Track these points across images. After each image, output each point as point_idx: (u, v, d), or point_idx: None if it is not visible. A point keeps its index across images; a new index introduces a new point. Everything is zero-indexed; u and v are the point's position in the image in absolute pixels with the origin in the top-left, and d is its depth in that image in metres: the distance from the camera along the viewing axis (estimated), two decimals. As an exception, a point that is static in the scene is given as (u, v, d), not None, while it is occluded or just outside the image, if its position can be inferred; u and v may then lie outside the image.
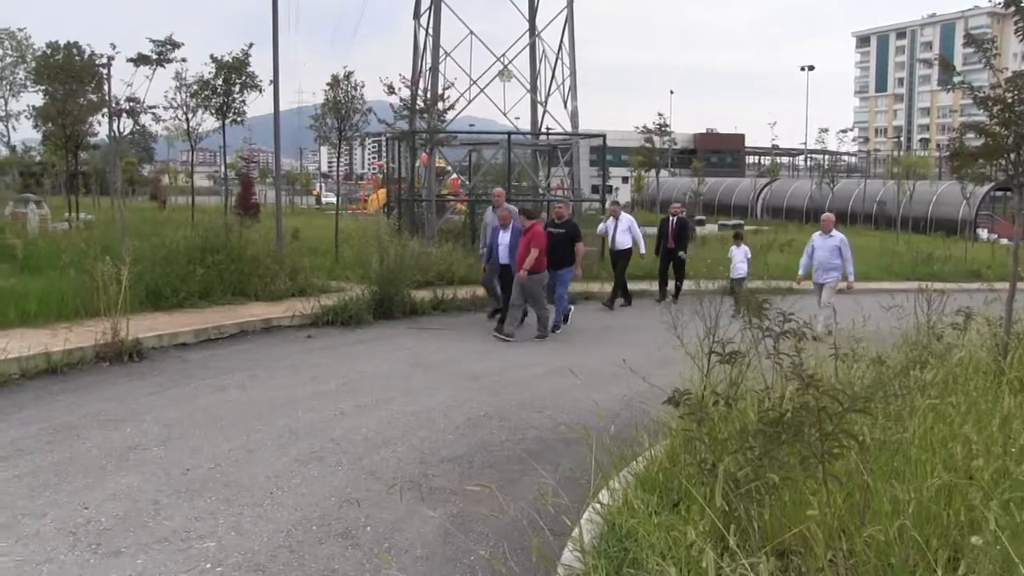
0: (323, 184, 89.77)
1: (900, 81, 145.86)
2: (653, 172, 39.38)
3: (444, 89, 21.95)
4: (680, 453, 5.29)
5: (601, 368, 9.85)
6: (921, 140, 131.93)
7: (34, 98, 51.63)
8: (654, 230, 17.90)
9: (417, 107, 20.18)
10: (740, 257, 15.78)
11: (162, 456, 6.49)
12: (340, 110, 17.95)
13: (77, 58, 24.30)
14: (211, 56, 18.55)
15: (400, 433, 7.24)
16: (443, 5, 24.43)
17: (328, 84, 18.42)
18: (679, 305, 14.23)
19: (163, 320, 11.55)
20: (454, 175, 34.48)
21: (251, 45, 18.82)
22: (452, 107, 20.41)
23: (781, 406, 4.65)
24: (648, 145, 35.03)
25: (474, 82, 24.70)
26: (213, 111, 18.70)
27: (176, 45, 16.77)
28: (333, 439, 7.00)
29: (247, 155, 43.02)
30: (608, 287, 16.49)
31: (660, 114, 33.73)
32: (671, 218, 17.00)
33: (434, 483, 6.07)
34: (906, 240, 31.83)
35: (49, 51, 55.21)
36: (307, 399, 8.28)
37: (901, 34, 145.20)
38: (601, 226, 17.48)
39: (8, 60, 57.42)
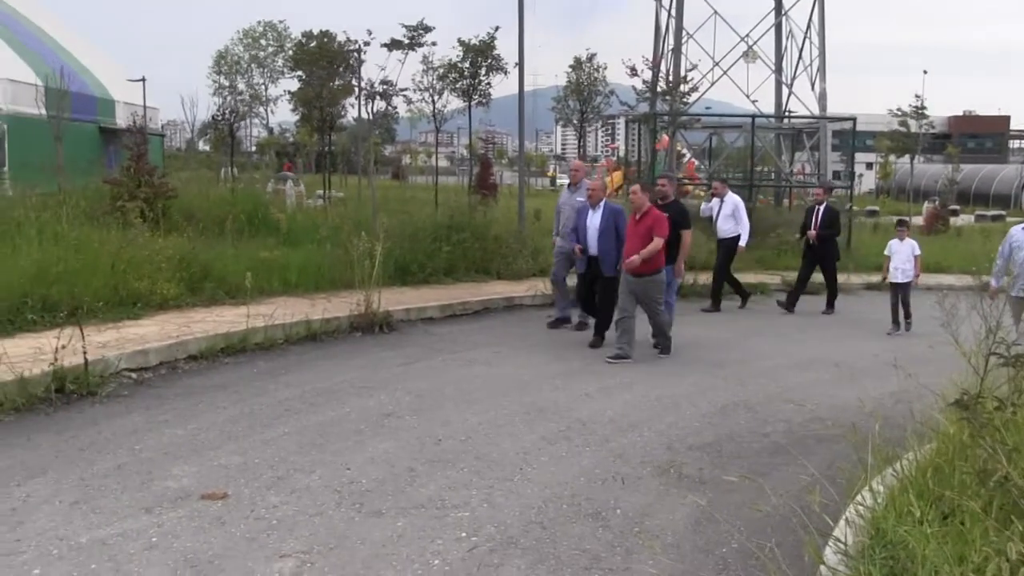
0: (558, 166, 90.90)
1: None
2: (903, 158, 36.94)
3: (687, 71, 21.55)
4: (953, 459, 4.87)
5: (853, 361, 9.33)
6: None
7: (290, 84, 55.66)
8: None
9: (659, 89, 19.91)
10: (904, 255, 12.07)
11: (415, 425, 6.73)
12: (582, 92, 18.00)
13: (328, 42, 25.74)
14: (459, 40, 19.14)
15: (646, 417, 7.14)
16: (687, -16, 23.96)
17: (570, 66, 18.59)
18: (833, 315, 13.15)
19: (410, 294, 12.03)
20: (689, 158, 33.87)
21: (497, 29, 19.27)
22: (695, 89, 19.97)
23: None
24: (902, 129, 32.83)
25: (716, 63, 24.10)
26: (459, 93, 19.29)
27: (427, 29, 17.43)
28: (579, 419, 7.00)
29: (486, 136, 44.16)
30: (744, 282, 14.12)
31: (917, 95, 31.39)
32: (816, 207, 13.65)
33: (683, 470, 5.93)
34: None
35: (304, 40, 59.27)
36: (551, 378, 8.34)
37: None
38: (704, 205, 14.84)
39: (270, 50, 62.32)
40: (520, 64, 15.86)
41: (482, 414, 7.07)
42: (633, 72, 18.88)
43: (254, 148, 57.60)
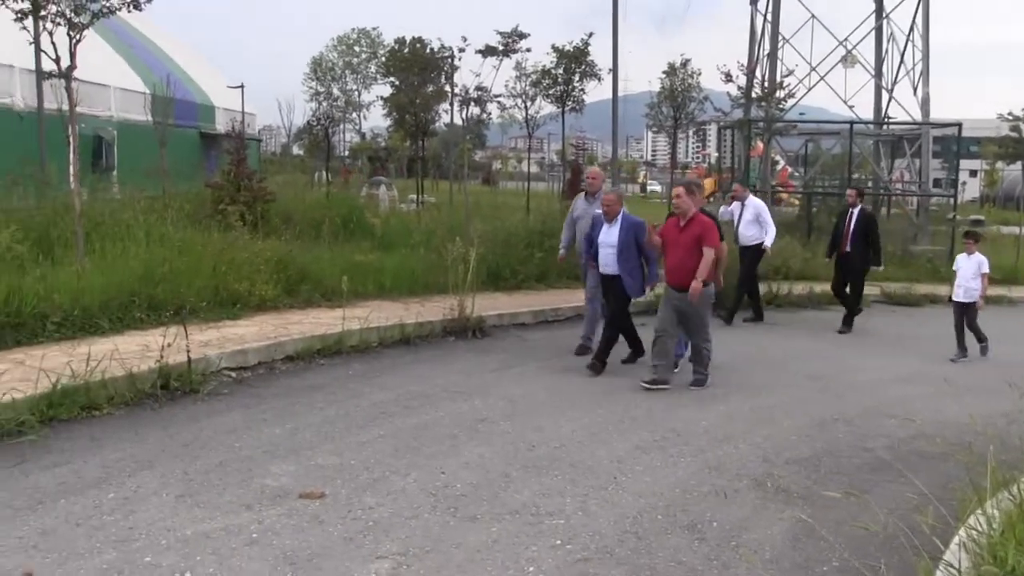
0: (647, 172, 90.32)
1: None
2: (1013, 165, 35.51)
3: (783, 76, 21.18)
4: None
5: (956, 377, 9.01)
6: None
7: (382, 89, 56.54)
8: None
9: (754, 95, 19.61)
10: (970, 271, 10.68)
11: (509, 431, 6.74)
12: (676, 98, 17.85)
13: (420, 49, 26.09)
14: (552, 46, 19.17)
15: (741, 429, 7.02)
16: (783, -12, 23.52)
17: (664, 72, 18.42)
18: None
19: (503, 300, 12.07)
20: (782, 166, 33.23)
21: (591, 35, 19.24)
22: (792, 95, 19.59)
23: None
24: (1013, 135, 31.49)
25: (813, 68, 23.59)
26: (552, 99, 19.31)
27: (522, 36, 17.53)
28: (673, 429, 6.92)
29: (576, 142, 44.14)
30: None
31: (1030, 98, 30.03)
32: (850, 210, 12.31)
33: (780, 483, 5.80)
34: None
35: (397, 46, 60.03)
36: (643, 388, 8.26)
37: None
38: (724, 209, 13.34)
39: (363, 56, 63.37)
40: (614, 70, 15.86)
41: (575, 421, 7.04)
42: (728, 78, 18.63)
43: (347, 153, 58.65)
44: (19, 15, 9.81)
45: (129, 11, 10.34)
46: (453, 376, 8.42)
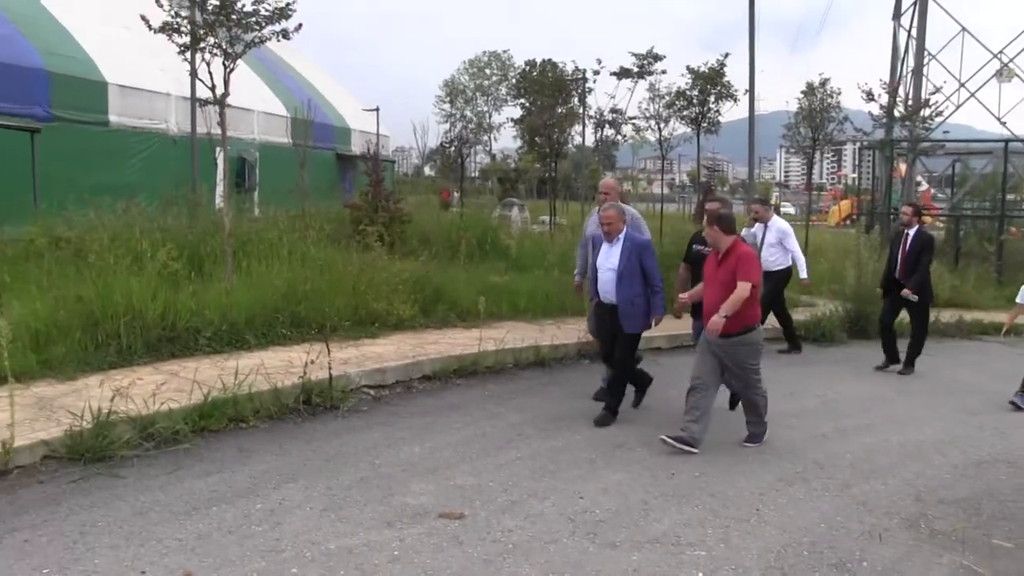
0: (780, 194, 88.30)
1: None
2: None
3: (929, 94, 20.36)
4: None
5: None
6: None
7: (512, 111, 57.22)
8: None
9: (896, 114, 18.90)
10: None
11: (646, 457, 6.64)
12: (814, 118, 17.38)
13: (550, 71, 26.26)
14: (687, 67, 18.97)
15: (888, 464, 6.71)
16: (930, 1, 22.66)
17: (802, 92, 17.96)
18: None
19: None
20: (924, 187, 31.89)
21: (727, 55, 18.96)
22: (939, 113, 18.78)
23: None
24: None
25: (962, 84, 22.61)
26: (687, 121, 19.10)
27: (657, 58, 17.43)
28: (816, 461, 6.68)
29: (708, 163, 43.58)
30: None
31: None
32: (905, 231, 10.58)
33: (935, 525, 5.50)
34: None
35: (527, 68, 60.58)
36: (784, 416, 8.00)
37: None
38: (746, 231, 10.31)
39: (494, 78, 64.52)
40: (750, 90, 15.56)
41: (715, 449, 6.88)
42: (869, 97, 18.00)
43: (477, 174, 59.65)
44: (181, 48, 10.34)
45: (278, 40, 10.74)
46: (588, 399, 8.34)
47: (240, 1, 10.13)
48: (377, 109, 35.82)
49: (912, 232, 10.42)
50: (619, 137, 18.37)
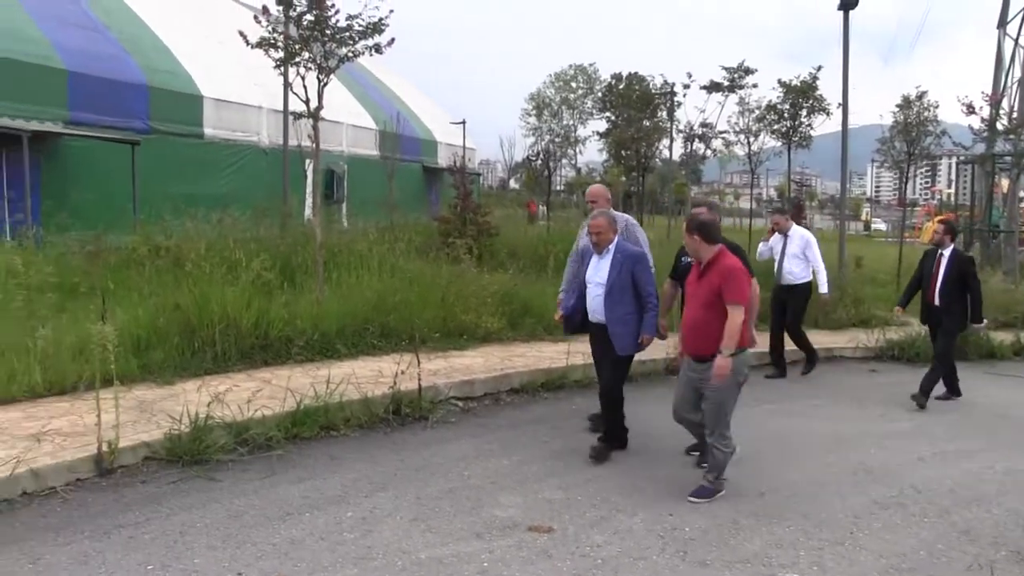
0: (871, 210, 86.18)
1: None
2: None
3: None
4: None
5: None
6: None
7: (597, 124, 57.17)
8: None
9: (1000, 127, 18.27)
10: None
11: (735, 475, 6.48)
12: (910, 132, 16.92)
13: (636, 85, 26.19)
14: (779, 81, 18.71)
15: (992, 492, 6.45)
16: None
17: (897, 105, 17.51)
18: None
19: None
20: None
21: (819, 68, 18.62)
22: (1048, 126, 18.07)
23: None
24: None
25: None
26: (778, 135, 18.81)
27: (748, 71, 17.21)
28: (913, 486, 6.47)
29: (798, 177, 42.81)
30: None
31: None
32: (938, 252, 9.49)
33: (1045, 558, 5.28)
34: None
35: (613, 82, 60.50)
36: (877, 437, 7.80)
37: None
38: (762, 246, 10.95)
39: (579, 92, 64.58)
40: (844, 104, 15.25)
41: (805, 469, 6.74)
42: (970, 110, 17.44)
43: (562, 187, 59.74)
44: (277, 63, 10.63)
45: (371, 55, 10.94)
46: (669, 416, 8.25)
47: (334, 17, 10.36)
48: (464, 122, 36.27)
49: (947, 253, 9.37)
50: (709, 151, 18.15)
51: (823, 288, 10.51)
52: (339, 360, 8.89)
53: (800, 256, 10.43)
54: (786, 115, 18.19)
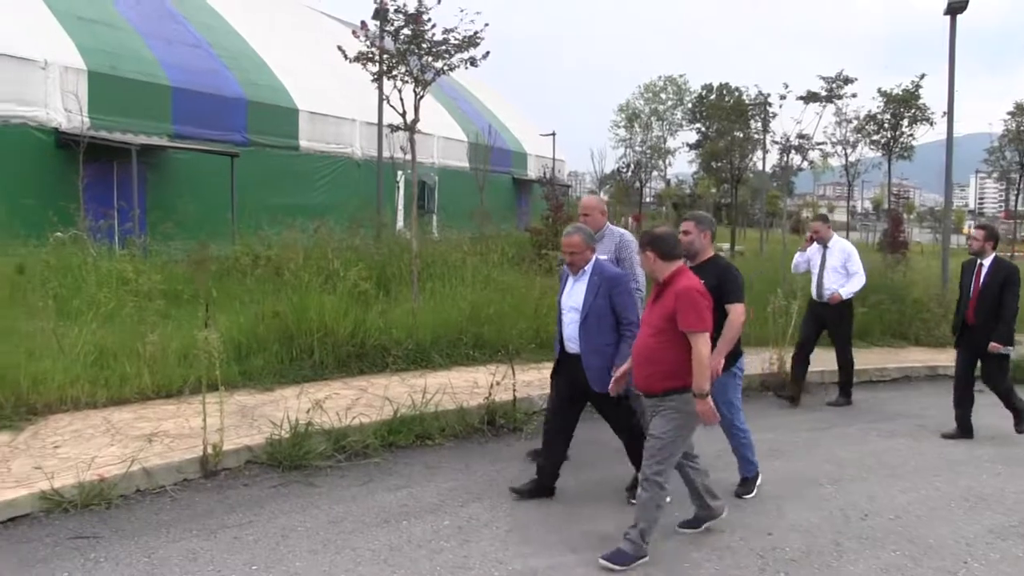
0: (974, 222, 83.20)
1: None
2: None
3: None
4: None
5: None
6: None
7: (687, 136, 56.45)
8: None
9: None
10: None
11: (836, 495, 6.36)
12: (1022, 141, 16.30)
13: (727, 96, 25.83)
14: (879, 90, 18.21)
15: (1125, 523, 6.13)
16: None
17: (1009, 113, 16.90)
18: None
19: (821, 356, 11.36)
20: None
21: (923, 76, 18.05)
22: None
23: None
24: None
25: None
26: (878, 146, 18.31)
27: (848, 81, 16.79)
28: (1031, 514, 6.19)
29: (896, 189, 41.59)
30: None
31: None
32: (977, 262, 8.31)
33: None
34: None
35: (704, 92, 59.74)
36: (988, 461, 7.48)
37: None
38: (799, 256, 9.87)
39: (669, 103, 63.97)
40: (949, 113, 14.76)
41: (911, 492, 6.51)
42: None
43: (652, 199, 59.29)
44: (374, 76, 10.84)
45: (466, 68, 11.06)
46: (769, 432, 8.06)
47: (431, 31, 10.50)
48: (553, 134, 36.31)
49: (987, 262, 8.24)
50: (805, 163, 17.76)
51: (844, 291, 9.37)
52: (434, 370, 8.98)
53: (841, 270, 9.44)
54: (886, 125, 17.70)
